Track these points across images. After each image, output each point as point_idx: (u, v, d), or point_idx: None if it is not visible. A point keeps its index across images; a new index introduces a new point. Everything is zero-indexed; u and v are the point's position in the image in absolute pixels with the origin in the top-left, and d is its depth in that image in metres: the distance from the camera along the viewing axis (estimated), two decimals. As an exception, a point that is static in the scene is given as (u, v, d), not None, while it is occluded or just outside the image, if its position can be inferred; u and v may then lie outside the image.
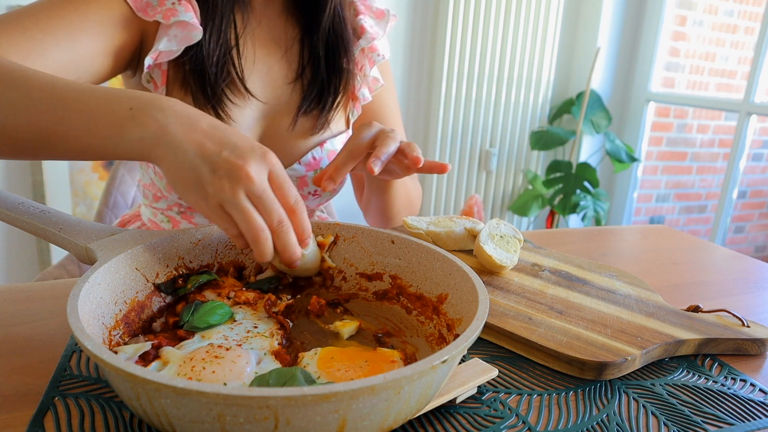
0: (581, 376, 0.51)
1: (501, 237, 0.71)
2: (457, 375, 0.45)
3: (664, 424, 0.45)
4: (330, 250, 0.60)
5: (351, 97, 0.88)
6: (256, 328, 0.48)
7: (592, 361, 0.50)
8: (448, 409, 0.44)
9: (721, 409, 0.48)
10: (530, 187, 2.85)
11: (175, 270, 0.54)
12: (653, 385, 0.51)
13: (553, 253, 0.77)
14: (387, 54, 0.88)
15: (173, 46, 0.70)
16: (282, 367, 0.42)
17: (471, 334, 0.38)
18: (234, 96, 0.77)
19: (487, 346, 0.55)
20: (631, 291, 0.67)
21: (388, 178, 0.79)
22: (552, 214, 2.86)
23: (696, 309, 0.63)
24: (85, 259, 0.51)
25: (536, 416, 0.45)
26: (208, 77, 0.73)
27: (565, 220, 2.91)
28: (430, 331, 0.52)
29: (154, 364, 0.41)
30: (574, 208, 2.70)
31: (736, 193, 2.74)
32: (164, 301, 0.52)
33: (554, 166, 2.75)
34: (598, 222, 2.73)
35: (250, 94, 0.78)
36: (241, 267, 0.59)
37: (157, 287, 0.52)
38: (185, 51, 0.72)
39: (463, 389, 0.44)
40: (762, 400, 0.50)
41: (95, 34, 0.67)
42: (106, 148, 0.51)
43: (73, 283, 0.65)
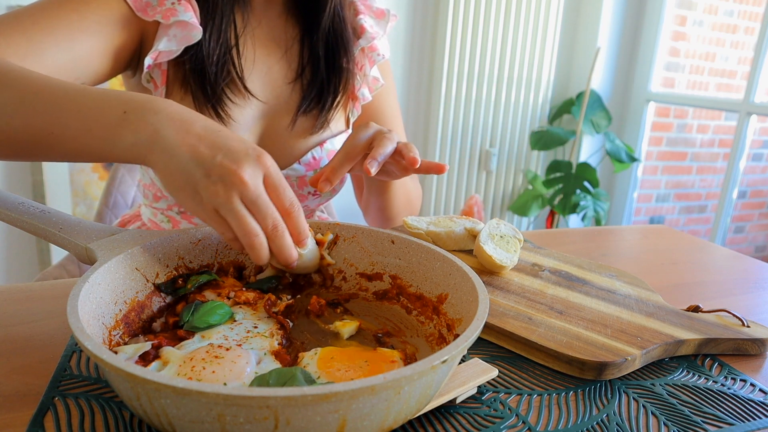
0: (581, 376, 0.51)
1: (501, 237, 0.71)
2: (457, 375, 0.45)
3: (664, 424, 0.45)
4: (330, 250, 0.60)
5: (351, 97, 0.88)
6: (256, 328, 0.48)
7: (592, 361, 0.50)
8: (448, 409, 0.44)
9: (721, 409, 0.48)
10: (530, 187, 2.85)
11: (175, 270, 0.54)
12: (653, 385, 0.51)
13: (553, 253, 0.77)
14: (387, 54, 0.88)
15: (173, 46, 0.70)
16: (282, 367, 0.42)
17: (471, 334, 0.38)
18: (234, 95, 0.77)
19: (487, 346, 0.55)
20: (631, 291, 0.67)
21: (386, 179, 0.79)
22: (552, 214, 2.86)
23: (696, 309, 0.63)
24: (85, 259, 0.51)
25: (536, 416, 0.45)
26: (208, 76, 0.73)
27: (565, 220, 2.91)
28: (430, 331, 0.52)
29: (154, 364, 0.41)
30: (574, 208, 2.70)
31: (736, 193, 2.74)
32: (164, 301, 0.52)
33: (554, 166, 2.75)
34: (598, 222, 2.73)
35: (249, 94, 0.78)
36: (241, 267, 0.59)
37: (157, 287, 0.52)
38: (185, 50, 0.72)
39: (463, 389, 0.44)
40: (762, 400, 0.50)
41: (95, 34, 0.67)
42: (102, 151, 0.50)
43: (73, 283, 0.65)
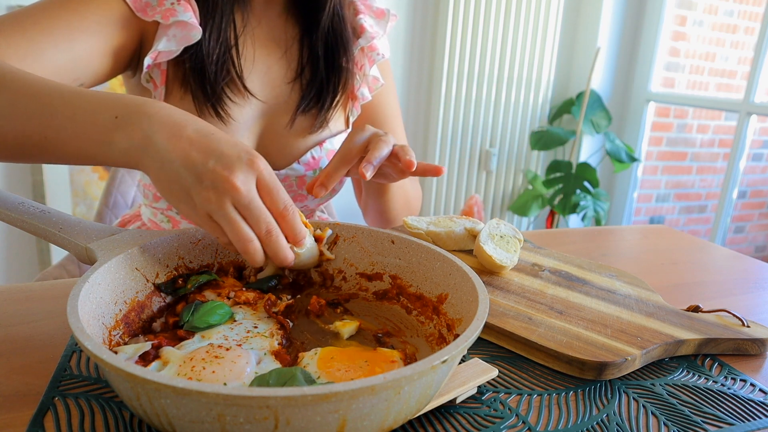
0: (581, 376, 0.51)
1: (501, 237, 0.71)
2: (457, 375, 0.45)
3: (664, 424, 0.45)
4: (331, 249, 0.60)
5: (350, 97, 0.88)
6: (256, 328, 0.48)
7: (592, 361, 0.50)
8: (448, 409, 0.44)
9: (721, 409, 0.48)
10: (530, 187, 2.85)
11: (175, 270, 0.54)
12: (653, 385, 0.51)
13: (553, 253, 0.77)
14: (387, 53, 0.88)
15: (172, 46, 0.70)
16: (282, 367, 0.42)
17: (471, 334, 0.38)
18: (233, 95, 0.77)
19: (487, 346, 0.55)
20: (631, 291, 0.67)
21: (384, 182, 0.79)
22: (552, 214, 2.86)
23: (696, 309, 0.63)
24: (85, 259, 0.51)
25: (536, 416, 0.45)
26: (208, 76, 0.73)
27: (565, 220, 2.91)
28: (430, 331, 0.51)
29: (154, 364, 0.41)
30: (574, 208, 2.70)
31: (736, 193, 2.74)
32: (164, 301, 0.52)
33: (554, 166, 2.75)
34: (598, 222, 2.73)
35: (249, 93, 0.78)
36: (241, 267, 0.59)
37: (157, 287, 0.52)
38: (185, 50, 0.72)
39: (463, 389, 0.44)
40: (762, 400, 0.50)
41: (94, 35, 0.67)
42: (96, 155, 0.50)
43: (73, 283, 0.65)
